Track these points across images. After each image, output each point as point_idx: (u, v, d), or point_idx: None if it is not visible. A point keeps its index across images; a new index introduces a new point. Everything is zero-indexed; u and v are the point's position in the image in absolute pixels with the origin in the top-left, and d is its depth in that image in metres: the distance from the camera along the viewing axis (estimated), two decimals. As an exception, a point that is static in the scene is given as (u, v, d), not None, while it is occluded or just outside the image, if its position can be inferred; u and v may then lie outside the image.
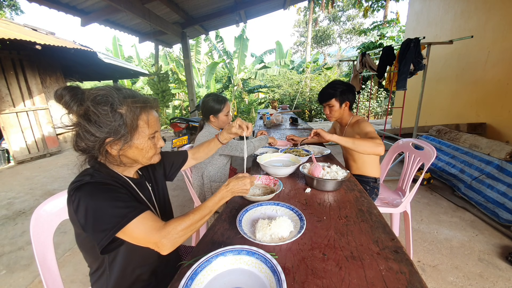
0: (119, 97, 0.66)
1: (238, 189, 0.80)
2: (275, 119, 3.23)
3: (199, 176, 1.65)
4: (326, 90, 1.59)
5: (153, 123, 0.73)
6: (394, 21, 9.79)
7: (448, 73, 4.13)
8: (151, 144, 0.74)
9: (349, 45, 21.55)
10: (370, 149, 1.27)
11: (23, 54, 4.65)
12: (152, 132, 0.73)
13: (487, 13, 3.37)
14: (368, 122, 1.48)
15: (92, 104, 0.63)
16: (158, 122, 0.76)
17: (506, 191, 2.16)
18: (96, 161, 0.72)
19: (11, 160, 4.74)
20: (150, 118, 0.72)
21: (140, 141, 0.71)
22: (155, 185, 0.91)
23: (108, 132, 0.65)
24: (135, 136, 0.69)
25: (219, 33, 9.67)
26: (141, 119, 0.69)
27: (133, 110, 0.67)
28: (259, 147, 1.65)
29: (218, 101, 1.61)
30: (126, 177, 0.77)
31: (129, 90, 0.71)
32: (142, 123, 0.70)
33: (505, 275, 1.55)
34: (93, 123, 0.64)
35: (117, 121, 0.65)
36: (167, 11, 4.56)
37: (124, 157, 0.72)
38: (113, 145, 0.67)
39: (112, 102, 0.65)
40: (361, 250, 0.71)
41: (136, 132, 0.69)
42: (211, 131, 1.62)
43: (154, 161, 0.79)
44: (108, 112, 0.64)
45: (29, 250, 2.05)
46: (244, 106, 11.32)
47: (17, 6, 10.35)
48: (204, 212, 0.72)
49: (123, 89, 0.69)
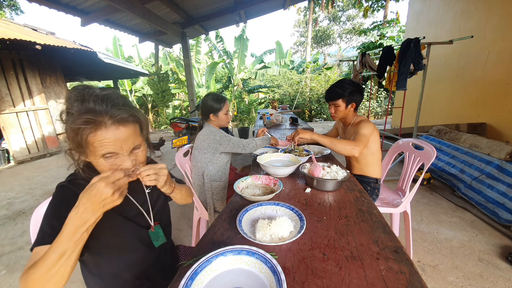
0: (77, 106, 0.60)
1: (94, 201, 0.55)
2: (275, 119, 3.23)
3: (199, 175, 1.65)
4: (334, 88, 1.55)
5: (105, 143, 0.60)
6: (394, 21, 9.80)
7: (448, 73, 4.13)
8: (106, 163, 0.63)
9: (349, 45, 21.56)
10: (346, 151, 1.34)
11: (23, 54, 4.65)
12: (104, 153, 0.61)
13: (487, 13, 3.37)
14: (369, 123, 1.47)
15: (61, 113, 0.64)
16: (119, 142, 0.62)
17: (506, 191, 2.16)
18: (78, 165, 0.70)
19: (11, 160, 4.74)
20: (97, 138, 0.60)
21: (91, 158, 0.64)
22: (153, 189, 0.86)
23: (68, 141, 0.64)
24: (87, 151, 0.63)
25: (219, 33, 9.68)
26: (84, 138, 0.60)
27: (72, 127, 0.60)
28: (261, 146, 1.66)
29: (218, 100, 1.63)
30: None
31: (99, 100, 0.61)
32: (86, 142, 0.60)
33: (505, 275, 1.55)
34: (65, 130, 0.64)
35: (68, 134, 0.62)
36: (167, 11, 4.56)
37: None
38: (75, 153, 0.66)
39: (69, 112, 0.62)
40: (361, 250, 0.71)
41: (87, 149, 0.62)
42: (212, 130, 1.62)
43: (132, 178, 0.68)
44: (67, 123, 0.62)
45: (29, 250, 2.05)
46: (244, 106, 11.33)
47: (17, 6, 10.36)
48: (55, 253, 0.54)
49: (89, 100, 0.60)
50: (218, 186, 1.63)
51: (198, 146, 1.62)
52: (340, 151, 1.36)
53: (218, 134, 1.59)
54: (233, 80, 10.45)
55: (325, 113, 9.67)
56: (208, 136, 1.59)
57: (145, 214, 0.80)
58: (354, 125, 1.57)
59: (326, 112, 9.65)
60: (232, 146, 1.58)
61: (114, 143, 0.61)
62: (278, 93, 9.90)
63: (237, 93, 11.04)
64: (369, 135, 1.42)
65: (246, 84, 11.44)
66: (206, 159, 1.61)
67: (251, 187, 1.17)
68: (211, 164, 1.63)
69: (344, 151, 1.35)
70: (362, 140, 1.38)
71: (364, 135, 1.40)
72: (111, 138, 0.61)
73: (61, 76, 5.65)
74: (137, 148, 0.68)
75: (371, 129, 1.45)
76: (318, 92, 9.41)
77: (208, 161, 1.62)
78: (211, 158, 1.61)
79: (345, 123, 1.68)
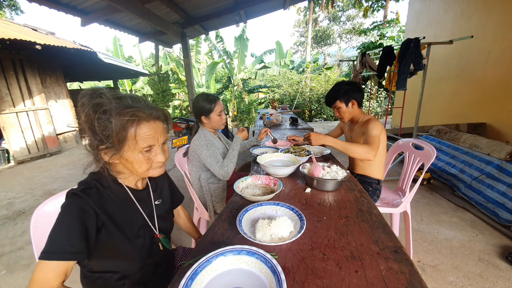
0: (115, 105, 0.64)
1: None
2: (275, 119, 3.23)
3: (196, 179, 1.62)
4: (329, 93, 1.58)
5: (145, 137, 0.67)
6: (394, 21, 9.80)
7: (448, 73, 4.13)
8: (142, 158, 0.68)
9: (349, 45, 21.56)
10: (360, 155, 1.33)
11: (23, 54, 4.65)
12: (145, 146, 0.67)
13: (487, 13, 3.37)
14: (378, 123, 1.44)
15: (93, 111, 0.64)
16: (157, 135, 0.69)
17: (506, 191, 2.16)
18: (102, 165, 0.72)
19: (11, 160, 4.74)
20: (141, 131, 0.66)
21: (129, 154, 0.67)
22: (162, 198, 0.89)
23: (100, 140, 0.65)
24: (125, 147, 0.66)
25: (219, 33, 9.68)
26: (130, 132, 0.65)
27: (120, 121, 0.63)
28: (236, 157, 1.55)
29: (209, 100, 1.52)
30: (126, 186, 0.76)
31: (132, 98, 0.68)
32: (131, 136, 0.65)
33: (505, 275, 1.55)
34: (90, 129, 0.65)
35: (106, 131, 0.63)
36: (167, 11, 4.56)
37: (118, 165, 0.72)
38: (106, 152, 0.67)
39: (105, 110, 0.63)
40: (361, 250, 0.71)
41: (125, 144, 0.65)
42: (205, 134, 1.55)
43: (153, 174, 0.74)
44: (102, 120, 0.63)
45: (29, 250, 2.05)
46: (244, 106, 11.33)
47: (17, 6, 10.36)
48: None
49: (125, 97, 0.67)
50: (217, 187, 1.61)
51: (191, 152, 1.57)
52: (354, 155, 1.35)
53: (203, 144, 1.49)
54: (233, 80, 10.45)
55: (325, 113, 9.68)
56: (200, 142, 1.50)
57: (150, 225, 0.81)
58: (362, 124, 1.55)
59: (326, 112, 9.65)
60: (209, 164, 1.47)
61: (153, 136, 0.68)
62: (278, 93, 9.90)
63: (237, 93, 11.04)
64: (379, 135, 1.41)
65: (246, 84, 11.44)
66: (201, 164, 1.57)
67: (251, 187, 1.17)
68: (206, 169, 1.58)
69: (359, 156, 1.34)
70: (375, 143, 1.37)
71: (375, 136, 1.39)
72: (150, 132, 0.67)
73: (61, 76, 5.65)
74: (165, 142, 0.75)
75: (380, 129, 1.43)
76: (318, 92, 9.41)
77: (203, 166, 1.57)
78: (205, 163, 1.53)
79: (352, 121, 1.67)
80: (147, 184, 0.85)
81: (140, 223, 0.79)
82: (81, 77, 8.25)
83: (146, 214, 0.81)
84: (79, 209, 0.65)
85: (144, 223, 0.80)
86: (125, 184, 0.76)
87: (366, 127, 1.47)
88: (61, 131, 5.60)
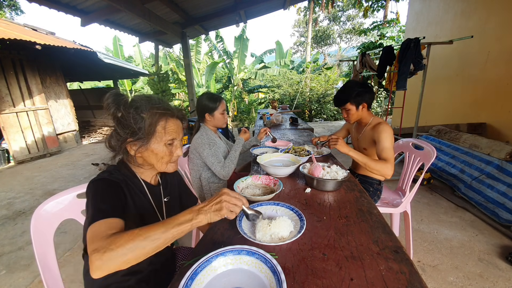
0: (145, 103, 0.73)
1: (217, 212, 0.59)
2: (275, 119, 3.23)
3: (196, 178, 1.63)
4: (340, 94, 1.51)
5: (171, 131, 0.76)
6: (394, 21, 9.78)
7: (448, 73, 4.13)
8: (166, 150, 0.76)
9: (349, 45, 21.56)
10: (380, 173, 1.32)
11: (23, 54, 4.64)
12: (169, 139, 0.76)
13: (487, 13, 3.37)
14: (390, 131, 1.40)
15: (123, 108, 0.72)
16: (178, 131, 0.78)
17: (506, 191, 2.16)
18: (121, 160, 0.80)
19: (11, 160, 4.74)
20: (168, 125, 0.75)
21: (155, 145, 0.74)
22: (171, 196, 0.94)
23: (129, 132, 0.72)
24: (152, 140, 0.73)
25: (219, 33, 9.67)
26: (159, 125, 0.73)
27: (152, 115, 0.72)
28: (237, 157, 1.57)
29: (213, 99, 1.57)
30: (143, 180, 0.82)
31: (158, 99, 0.77)
32: (160, 129, 0.74)
33: (505, 275, 1.55)
34: (120, 124, 0.73)
35: (138, 124, 0.71)
36: (167, 11, 4.56)
37: (140, 159, 0.79)
38: (132, 145, 0.74)
39: (137, 107, 0.72)
40: (361, 250, 0.71)
41: (153, 136, 0.73)
42: (207, 133, 1.57)
43: (169, 169, 0.80)
44: (133, 115, 0.71)
45: (29, 250, 2.05)
46: (244, 106, 11.32)
47: (17, 6, 10.37)
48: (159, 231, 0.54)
49: (153, 98, 0.77)
50: (218, 187, 1.62)
51: (193, 150, 1.58)
52: (373, 171, 1.35)
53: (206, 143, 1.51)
54: (233, 80, 10.44)
55: (325, 113, 9.67)
56: (202, 140, 1.52)
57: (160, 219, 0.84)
58: (372, 128, 1.49)
59: (326, 112, 9.65)
60: (211, 163, 1.49)
61: (176, 131, 0.78)
62: (278, 93, 9.89)
63: (237, 93, 11.03)
64: (393, 146, 1.39)
65: (246, 84, 11.43)
66: (202, 163, 1.58)
67: (251, 187, 1.17)
68: (207, 168, 1.59)
69: (378, 173, 1.33)
70: (392, 157, 1.34)
71: (390, 149, 1.36)
72: (175, 127, 0.77)
73: (61, 76, 5.65)
74: (181, 140, 0.83)
75: (392, 137, 1.40)
76: (318, 92, 9.41)
77: (204, 165, 1.59)
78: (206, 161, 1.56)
79: (360, 123, 1.62)
80: (158, 181, 0.90)
81: (151, 214, 0.83)
82: (81, 77, 8.25)
83: (157, 207, 0.85)
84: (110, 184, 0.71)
85: (154, 215, 0.84)
86: (142, 178, 0.82)
87: (378, 135, 1.40)
88: (61, 131, 5.60)
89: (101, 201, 0.65)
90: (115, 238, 0.52)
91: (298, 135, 2.55)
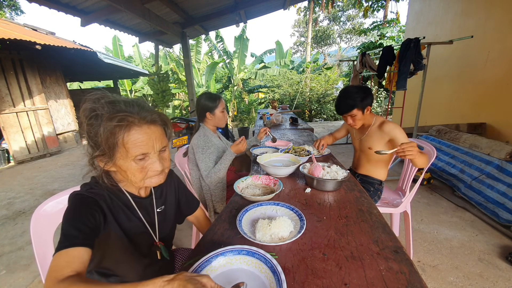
0: (107, 110, 0.60)
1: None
2: (275, 119, 3.23)
3: (196, 178, 1.62)
4: (344, 101, 1.46)
5: (138, 143, 0.62)
6: (394, 21, 9.78)
7: (448, 73, 4.13)
8: (136, 167, 0.64)
9: (349, 45, 21.57)
10: (425, 164, 1.29)
11: (23, 54, 4.65)
12: (137, 154, 0.62)
13: (487, 13, 3.37)
14: (397, 125, 1.43)
15: (85, 116, 0.62)
16: (152, 142, 0.64)
17: (506, 191, 2.16)
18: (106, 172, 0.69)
19: (11, 160, 4.74)
20: (132, 138, 0.61)
21: (121, 162, 0.63)
22: (167, 204, 0.86)
23: (93, 146, 0.63)
24: (116, 155, 0.62)
25: (219, 33, 9.67)
26: (119, 138, 0.60)
27: (108, 127, 0.59)
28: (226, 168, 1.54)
29: (212, 98, 1.59)
30: (129, 193, 0.74)
31: (126, 103, 0.63)
32: (121, 143, 0.61)
33: (505, 275, 1.55)
34: (86, 135, 0.63)
35: (97, 137, 0.60)
36: (167, 11, 4.56)
37: (116, 173, 0.70)
38: (101, 159, 0.64)
39: (98, 116, 0.60)
40: (361, 250, 0.71)
41: (117, 151, 0.61)
42: (206, 134, 1.57)
43: (149, 184, 0.69)
44: (94, 126, 0.60)
45: (29, 250, 2.05)
46: (244, 106, 11.32)
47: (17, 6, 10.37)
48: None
49: (120, 102, 0.63)
50: (217, 187, 1.61)
51: (191, 150, 1.58)
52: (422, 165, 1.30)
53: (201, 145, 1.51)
54: (233, 80, 10.44)
55: (325, 113, 9.68)
56: (202, 140, 1.53)
57: (151, 232, 0.79)
58: (379, 127, 1.50)
59: (326, 112, 9.65)
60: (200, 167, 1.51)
61: (147, 143, 0.63)
62: (278, 93, 9.89)
63: (237, 93, 11.03)
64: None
65: (246, 84, 11.43)
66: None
67: (251, 187, 1.17)
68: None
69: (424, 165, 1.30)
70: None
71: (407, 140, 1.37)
72: (143, 138, 0.62)
73: (61, 76, 5.65)
74: (163, 150, 0.69)
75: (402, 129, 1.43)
76: (318, 92, 9.41)
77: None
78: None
79: (364, 125, 1.61)
80: (151, 191, 0.82)
81: (140, 230, 0.77)
82: (81, 77, 8.24)
83: (147, 221, 0.78)
84: (86, 203, 0.63)
85: (143, 230, 0.78)
86: (128, 190, 0.74)
87: (391, 132, 1.42)
88: (61, 131, 5.60)
89: (71, 223, 0.58)
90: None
91: (298, 135, 2.55)
